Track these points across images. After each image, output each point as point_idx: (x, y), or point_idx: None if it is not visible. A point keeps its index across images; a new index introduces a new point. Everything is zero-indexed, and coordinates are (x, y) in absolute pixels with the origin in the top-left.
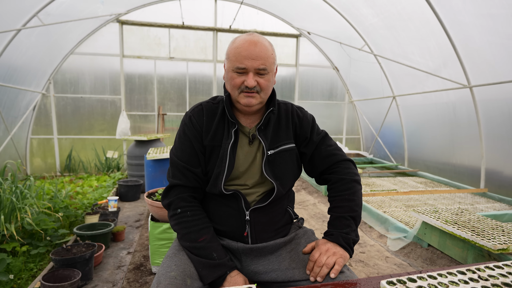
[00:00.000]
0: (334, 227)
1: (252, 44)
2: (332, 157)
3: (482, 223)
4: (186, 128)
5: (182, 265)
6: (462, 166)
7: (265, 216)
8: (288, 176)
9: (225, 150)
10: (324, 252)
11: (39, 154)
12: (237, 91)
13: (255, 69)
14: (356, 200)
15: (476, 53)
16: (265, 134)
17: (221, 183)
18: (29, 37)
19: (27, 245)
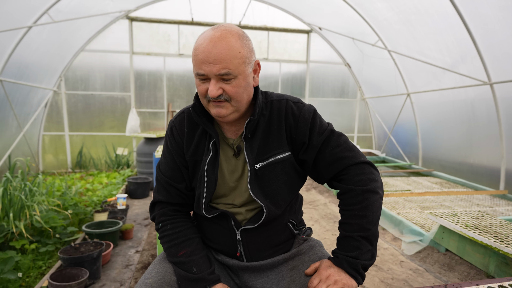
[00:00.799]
0: (341, 248)
1: (211, 44)
2: (340, 161)
3: (505, 228)
4: (168, 141)
5: (162, 272)
6: (480, 166)
7: (259, 235)
8: (281, 192)
9: (203, 168)
10: (324, 279)
11: (51, 150)
12: (205, 100)
13: (216, 75)
14: (368, 217)
15: (498, 48)
16: (251, 145)
17: (202, 207)
18: (40, 35)
19: (36, 243)
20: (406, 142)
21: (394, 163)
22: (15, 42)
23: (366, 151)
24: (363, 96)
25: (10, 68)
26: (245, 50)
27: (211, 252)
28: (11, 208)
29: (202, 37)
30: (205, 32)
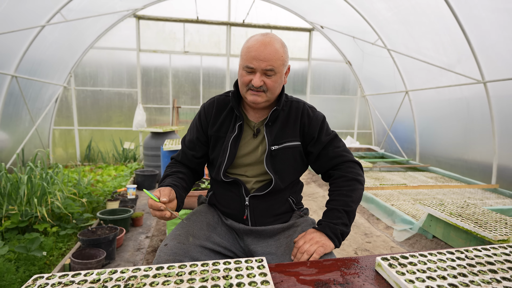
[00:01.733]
0: (325, 217)
1: (262, 45)
2: (339, 158)
3: (486, 216)
4: (196, 119)
5: (186, 227)
6: (474, 162)
7: (264, 203)
8: (288, 171)
9: (227, 143)
10: (308, 240)
11: (60, 144)
12: (245, 88)
13: (262, 70)
14: (353, 197)
15: (491, 49)
16: (271, 130)
17: (221, 172)
18: (53, 33)
19: (56, 227)
20: (404, 139)
21: (392, 159)
22: (30, 40)
23: (365, 147)
24: (363, 93)
25: (25, 65)
26: (285, 56)
27: (221, 218)
28: (34, 194)
29: (254, 40)
30: (256, 36)
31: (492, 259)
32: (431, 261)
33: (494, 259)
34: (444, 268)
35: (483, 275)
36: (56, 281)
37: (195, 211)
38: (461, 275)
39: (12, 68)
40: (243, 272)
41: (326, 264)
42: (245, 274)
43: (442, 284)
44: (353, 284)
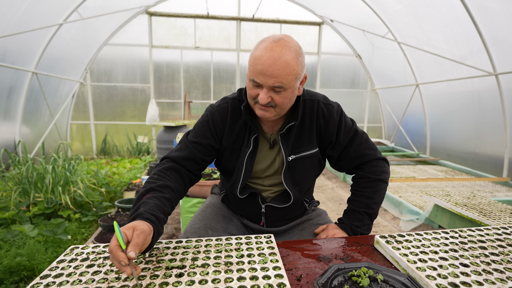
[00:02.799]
0: (347, 217)
1: (271, 59)
2: (361, 158)
3: (491, 206)
4: (206, 122)
5: (204, 220)
6: (485, 155)
7: (280, 210)
8: (307, 181)
9: (242, 159)
10: (330, 236)
11: (78, 138)
12: (252, 101)
13: (270, 86)
14: (375, 199)
15: (503, 40)
16: (287, 140)
17: (237, 189)
18: (69, 31)
19: (79, 213)
20: (415, 132)
21: (402, 152)
22: (48, 38)
23: (376, 140)
24: (373, 87)
25: (44, 62)
26: (299, 68)
27: (238, 217)
28: (58, 183)
29: (263, 48)
30: (266, 42)
31: (484, 238)
32: (426, 239)
33: (486, 238)
34: (437, 245)
35: (473, 251)
36: (90, 250)
37: (210, 204)
38: (452, 251)
39: (33, 65)
40: (253, 245)
41: (329, 242)
42: (255, 247)
43: (433, 257)
44: (353, 258)
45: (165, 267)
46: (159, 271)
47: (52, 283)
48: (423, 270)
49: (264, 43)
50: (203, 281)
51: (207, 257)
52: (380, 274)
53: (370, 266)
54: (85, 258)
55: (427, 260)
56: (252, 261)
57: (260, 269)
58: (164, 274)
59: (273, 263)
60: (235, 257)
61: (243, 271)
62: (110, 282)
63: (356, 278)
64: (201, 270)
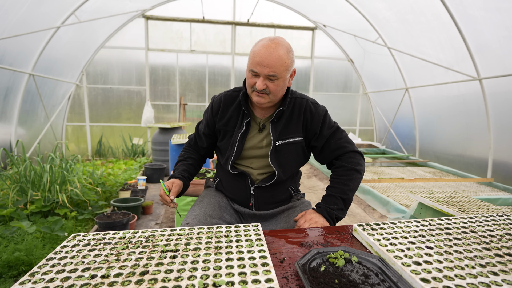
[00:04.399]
0: (324, 202)
1: (267, 52)
2: (341, 149)
3: (471, 203)
4: (209, 110)
5: (202, 208)
6: (472, 157)
7: (267, 192)
8: (291, 165)
9: (235, 138)
10: (308, 219)
11: (73, 139)
12: (250, 89)
13: (265, 75)
14: (350, 186)
15: (486, 46)
16: (276, 126)
17: (229, 164)
18: (67, 33)
19: (75, 212)
20: (405, 135)
21: (392, 154)
22: (46, 41)
23: (367, 143)
24: (365, 91)
25: (41, 64)
26: (289, 61)
27: (229, 202)
28: (55, 182)
29: (260, 45)
30: (263, 41)
31: (451, 225)
32: (399, 227)
33: (452, 226)
34: (408, 231)
35: (438, 236)
36: (91, 237)
37: (206, 194)
38: (420, 236)
39: (30, 67)
40: (242, 233)
41: (311, 231)
42: (243, 234)
43: (403, 242)
44: (332, 244)
45: (160, 250)
46: (155, 253)
47: (57, 264)
48: (392, 252)
49: (262, 41)
50: (194, 261)
51: (199, 243)
52: (355, 256)
53: (346, 250)
54: (86, 243)
55: (397, 244)
56: (240, 245)
57: (246, 252)
58: (160, 256)
59: (259, 247)
60: (224, 242)
61: (231, 254)
62: (110, 263)
63: (333, 260)
64: (193, 253)
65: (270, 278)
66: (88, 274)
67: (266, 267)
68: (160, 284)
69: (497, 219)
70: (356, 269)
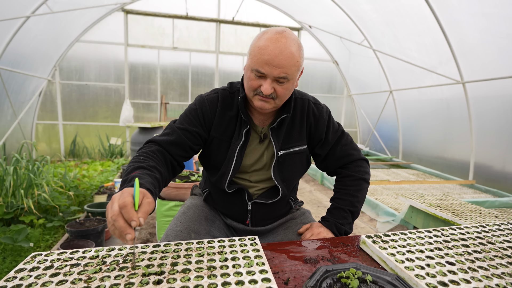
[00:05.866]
0: (331, 215)
1: (277, 49)
2: (347, 157)
3: (463, 207)
4: (194, 110)
5: (186, 222)
6: (453, 159)
7: (266, 207)
8: (295, 177)
9: (233, 151)
10: (316, 234)
11: (44, 139)
12: (252, 93)
13: (274, 77)
14: (359, 197)
15: (470, 51)
16: (278, 134)
17: (225, 183)
18: (38, 24)
19: (43, 219)
20: (388, 137)
21: (376, 156)
22: (13, 31)
23: None
24: (349, 93)
25: (8, 57)
26: (301, 59)
27: (221, 216)
28: (20, 186)
29: (267, 39)
30: (269, 33)
31: (465, 236)
32: (411, 238)
33: (467, 236)
34: (422, 244)
35: (456, 249)
36: (55, 257)
37: (191, 205)
38: (437, 249)
39: None
40: (237, 248)
41: (315, 243)
42: (239, 250)
43: (420, 256)
44: (340, 259)
45: (141, 273)
46: (135, 278)
47: None
48: (412, 269)
49: (267, 34)
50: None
51: (188, 262)
52: (369, 275)
53: (358, 267)
54: (49, 266)
55: (414, 259)
56: (237, 264)
57: (245, 273)
58: (141, 282)
59: (259, 266)
60: (218, 260)
61: (227, 276)
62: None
63: (345, 280)
64: (181, 276)
65: None
66: None
67: None
68: None
69: (510, 228)
70: None
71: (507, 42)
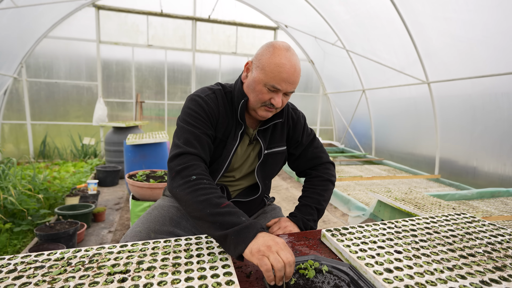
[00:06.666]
0: (299, 212)
1: (292, 68)
2: (316, 159)
3: (425, 200)
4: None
5: (147, 222)
6: (421, 155)
7: (244, 205)
8: (273, 175)
9: (228, 151)
10: (282, 228)
11: (11, 139)
12: (259, 104)
13: (286, 91)
14: (325, 196)
15: (433, 53)
16: (264, 136)
17: (216, 180)
18: (0, 19)
19: (10, 223)
20: (362, 134)
21: (351, 153)
22: None
23: (327, 142)
24: (325, 91)
25: None
26: None
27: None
28: None
29: (283, 57)
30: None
31: (415, 227)
32: (367, 230)
33: (417, 227)
34: (376, 235)
35: (405, 239)
36: (19, 261)
37: (157, 205)
38: (388, 240)
39: None
40: (203, 245)
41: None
42: (204, 247)
43: (372, 247)
44: (301, 252)
45: (106, 273)
46: (100, 277)
47: None
48: (363, 259)
49: (279, 50)
50: (148, 284)
51: (154, 260)
52: (325, 266)
53: (316, 259)
54: (12, 269)
55: (367, 250)
56: (202, 261)
57: (209, 269)
58: (105, 281)
59: (223, 261)
60: (183, 257)
61: (191, 271)
62: None
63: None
64: (146, 274)
65: None
66: None
67: (232, 285)
68: None
69: (456, 218)
70: (327, 279)
71: (465, 46)
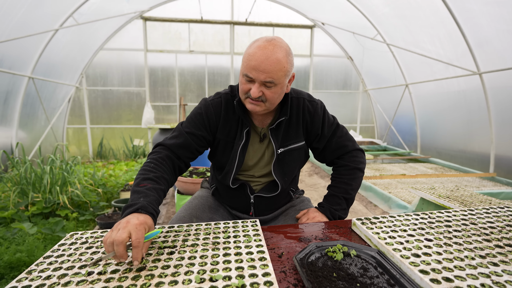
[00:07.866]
0: (327, 202)
1: (264, 55)
2: (342, 148)
3: (473, 198)
4: (199, 113)
5: (189, 209)
6: (473, 152)
7: (268, 200)
8: (294, 171)
9: (235, 151)
10: (311, 218)
11: (74, 142)
12: (244, 95)
13: (261, 81)
14: (353, 185)
15: (485, 41)
16: (277, 134)
17: (230, 179)
18: (65, 36)
19: (76, 213)
20: (406, 131)
21: (394, 151)
22: (45, 43)
23: (368, 140)
24: (365, 88)
25: (40, 67)
26: (288, 66)
27: (226, 208)
28: (56, 183)
29: (256, 47)
30: (259, 41)
31: (450, 218)
32: (398, 220)
33: (452, 218)
34: (407, 225)
35: (438, 229)
36: (89, 235)
37: (197, 196)
38: (420, 229)
39: (29, 70)
40: (240, 229)
41: (311, 226)
42: (241, 230)
43: (402, 235)
44: (331, 238)
45: (157, 247)
46: (152, 250)
47: (54, 262)
48: (391, 244)
49: (257, 42)
50: (192, 257)
51: (196, 239)
52: (354, 250)
53: (345, 244)
54: (84, 241)
55: (396, 237)
56: (238, 240)
57: (244, 247)
58: (157, 253)
59: (257, 242)
60: (222, 238)
61: (228, 249)
62: (107, 260)
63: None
64: (190, 249)
65: (267, 272)
66: (85, 271)
67: (264, 261)
68: (156, 279)
69: (498, 211)
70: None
71: None
